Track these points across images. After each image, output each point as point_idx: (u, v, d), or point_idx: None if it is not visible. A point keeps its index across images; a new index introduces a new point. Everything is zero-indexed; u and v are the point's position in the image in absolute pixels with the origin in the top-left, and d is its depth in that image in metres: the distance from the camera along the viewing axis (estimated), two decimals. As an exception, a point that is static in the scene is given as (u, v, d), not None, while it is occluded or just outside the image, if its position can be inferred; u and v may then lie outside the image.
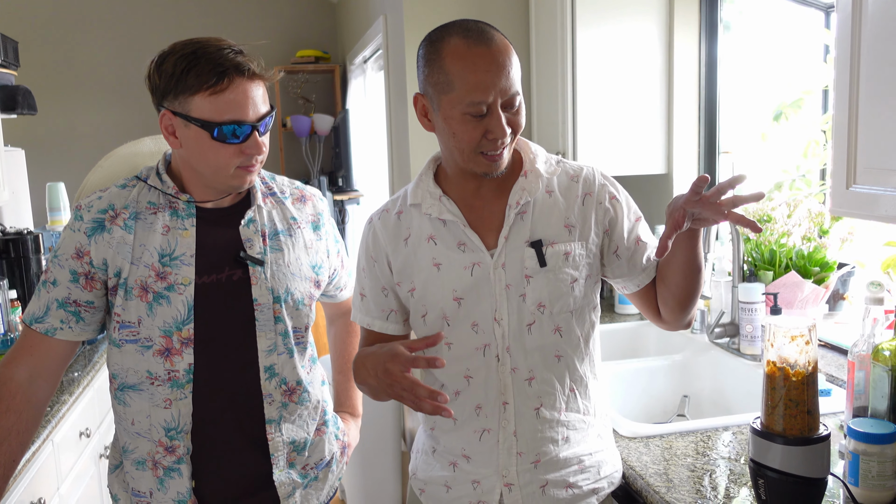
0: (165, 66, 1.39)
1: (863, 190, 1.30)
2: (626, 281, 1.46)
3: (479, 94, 1.25)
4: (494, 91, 1.26)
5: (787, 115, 2.42)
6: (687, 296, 1.39)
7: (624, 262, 1.44)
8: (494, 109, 1.27)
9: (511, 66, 1.28)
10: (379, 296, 1.47)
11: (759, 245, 2.19)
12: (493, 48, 1.26)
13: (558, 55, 2.66)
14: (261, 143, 1.43)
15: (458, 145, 1.31)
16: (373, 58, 4.39)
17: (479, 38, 1.27)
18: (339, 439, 1.71)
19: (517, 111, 1.31)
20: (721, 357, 2.13)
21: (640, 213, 1.47)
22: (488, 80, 1.25)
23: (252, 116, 1.40)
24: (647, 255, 1.44)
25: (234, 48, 1.40)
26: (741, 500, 1.35)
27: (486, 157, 1.31)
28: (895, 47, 1.21)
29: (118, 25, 5.19)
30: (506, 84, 1.26)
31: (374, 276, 1.47)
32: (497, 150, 1.30)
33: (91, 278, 1.46)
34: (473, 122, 1.28)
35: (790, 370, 1.14)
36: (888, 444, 1.29)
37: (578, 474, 1.43)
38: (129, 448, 1.53)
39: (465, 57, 1.26)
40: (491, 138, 1.29)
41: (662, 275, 1.41)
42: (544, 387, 1.39)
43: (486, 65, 1.25)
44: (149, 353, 1.46)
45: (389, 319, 1.48)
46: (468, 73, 1.25)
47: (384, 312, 1.48)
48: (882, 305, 1.45)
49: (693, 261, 1.34)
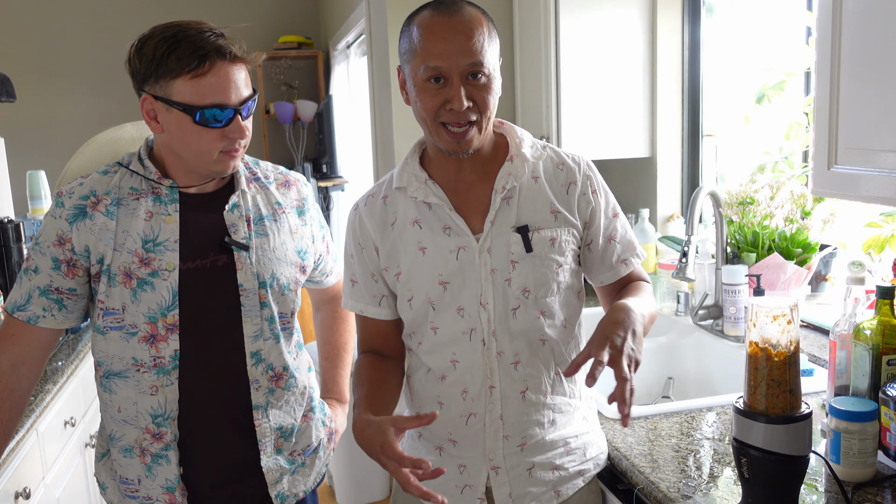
0: (146, 49, 1.38)
1: (844, 170, 1.31)
2: (591, 274, 1.49)
3: (435, 58, 1.27)
4: (451, 57, 1.27)
5: (769, 97, 2.43)
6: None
7: (595, 256, 1.45)
8: (453, 78, 1.28)
9: (475, 36, 1.28)
10: (369, 282, 1.47)
11: (741, 227, 2.20)
12: (455, 17, 1.28)
13: (542, 39, 2.65)
14: (243, 126, 1.42)
15: (419, 114, 1.33)
16: (356, 43, 4.37)
17: (447, 10, 1.29)
18: (326, 425, 1.71)
19: (483, 86, 1.30)
20: (705, 339, 2.15)
21: (618, 210, 1.48)
22: (443, 45, 1.27)
23: (234, 100, 1.39)
24: (616, 255, 1.46)
25: (215, 31, 1.39)
26: (725, 479, 1.37)
27: (449, 132, 1.31)
28: (875, 28, 1.22)
29: (98, 11, 5.13)
30: (465, 52, 1.27)
31: (363, 262, 1.46)
32: (459, 122, 1.30)
33: (73, 265, 1.45)
34: (433, 90, 1.29)
35: (772, 350, 1.15)
36: (869, 421, 1.30)
37: (564, 456, 1.44)
38: (115, 436, 1.53)
39: (428, 25, 1.29)
40: (448, 108, 1.29)
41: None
42: (530, 370, 1.39)
43: (443, 31, 1.27)
44: (134, 339, 1.46)
45: (381, 305, 1.47)
46: (426, 39, 1.28)
47: (375, 298, 1.47)
48: (863, 285, 1.47)
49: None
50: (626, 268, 1.47)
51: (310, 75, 5.49)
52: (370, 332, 1.51)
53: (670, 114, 2.68)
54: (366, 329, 1.51)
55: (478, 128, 1.32)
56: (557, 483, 1.43)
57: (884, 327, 1.38)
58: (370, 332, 1.51)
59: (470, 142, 1.32)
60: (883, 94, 1.21)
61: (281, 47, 5.26)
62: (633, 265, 1.48)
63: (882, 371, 1.39)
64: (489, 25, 1.31)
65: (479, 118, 1.31)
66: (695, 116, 2.67)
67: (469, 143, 1.32)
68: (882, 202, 1.26)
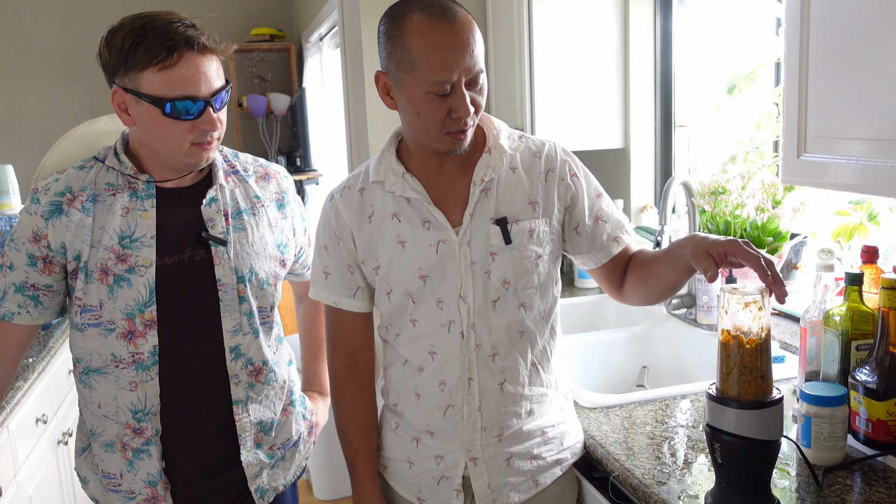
0: (114, 41, 1.36)
1: (813, 158, 1.32)
2: (586, 258, 1.48)
3: (444, 73, 1.23)
4: (458, 70, 1.24)
5: (740, 87, 2.45)
6: (675, 289, 1.41)
7: (584, 239, 1.45)
8: (458, 88, 1.25)
9: (475, 44, 1.26)
10: (345, 273, 1.45)
11: (714, 217, 2.22)
12: (456, 25, 1.24)
13: (515, 30, 2.65)
14: (215, 119, 1.40)
15: (422, 124, 1.30)
16: (329, 35, 4.34)
17: (443, 15, 1.24)
18: (307, 419, 1.71)
19: (480, 89, 1.29)
20: (679, 328, 2.17)
21: (601, 190, 1.48)
22: (452, 58, 1.23)
23: (205, 92, 1.37)
24: (607, 233, 1.45)
25: (184, 22, 1.37)
26: (699, 465, 1.38)
27: (451, 135, 1.30)
28: (843, 19, 1.23)
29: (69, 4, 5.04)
30: (470, 62, 1.25)
31: (340, 253, 1.45)
32: (461, 128, 1.29)
33: (49, 262, 1.43)
34: (437, 102, 1.26)
35: (744, 338, 1.16)
36: (839, 406, 1.33)
37: (542, 446, 1.44)
38: (96, 431, 1.52)
39: (429, 35, 1.23)
40: (455, 117, 1.27)
41: (656, 270, 1.39)
42: (508, 362, 1.40)
43: (449, 43, 1.23)
44: (112, 336, 1.44)
45: (356, 297, 1.46)
46: (432, 52, 1.23)
47: (350, 290, 1.46)
48: (832, 272, 1.49)
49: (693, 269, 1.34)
50: (617, 245, 1.46)
51: (282, 68, 5.45)
52: (344, 327, 1.49)
53: (643, 105, 2.70)
54: (338, 323, 1.50)
55: (473, 126, 1.33)
56: (536, 472, 1.44)
57: (853, 313, 1.40)
58: (344, 327, 1.49)
59: (468, 139, 1.33)
60: (850, 83, 1.23)
61: (253, 40, 5.21)
62: (624, 242, 1.47)
63: (851, 356, 1.41)
64: (475, 23, 1.29)
65: (474, 120, 1.32)
66: (667, 107, 2.69)
67: (468, 140, 1.33)
68: (850, 189, 1.28)
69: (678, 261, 1.31)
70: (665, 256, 1.36)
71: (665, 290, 1.40)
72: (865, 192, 1.28)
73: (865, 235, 1.95)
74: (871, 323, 1.39)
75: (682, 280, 1.35)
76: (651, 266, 1.40)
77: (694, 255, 1.24)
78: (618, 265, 1.48)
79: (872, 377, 1.33)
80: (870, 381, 1.33)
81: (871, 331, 1.39)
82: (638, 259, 1.45)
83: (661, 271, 1.36)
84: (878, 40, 1.17)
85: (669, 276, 1.35)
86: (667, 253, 1.35)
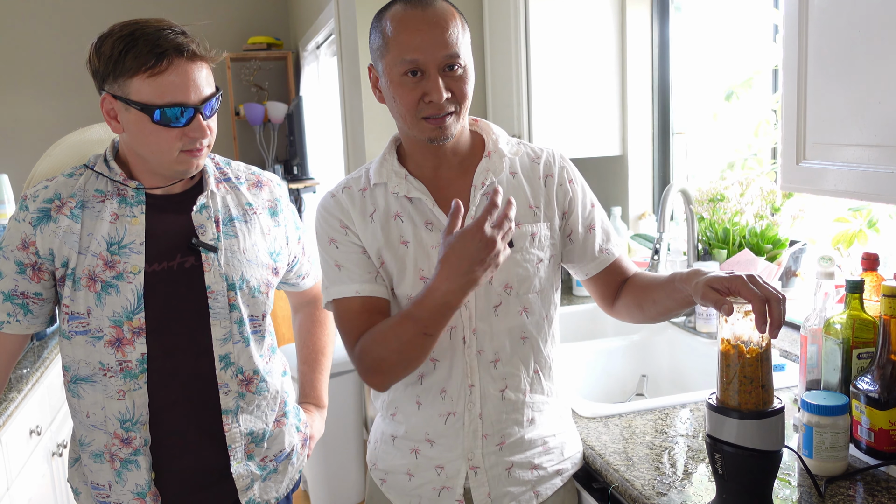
0: (104, 48, 1.36)
1: (812, 165, 1.31)
2: (577, 267, 1.48)
3: (411, 51, 1.25)
4: (427, 50, 1.25)
5: (738, 94, 2.45)
6: (669, 317, 1.41)
7: (577, 247, 1.44)
8: (431, 71, 1.26)
9: (450, 28, 1.27)
10: (361, 259, 1.37)
11: (712, 224, 2.21)
12: (429, 11, 1.27)
13: (512, 37, 2.65)
14: (205, 126, 1.39)
15: (399, 110, 1.31)
16: (325, 43, 4.34)
17: (419, 3, 1.28)
18: (301, 431, 1.69)
19: (460, 78, 1.29)
20: (678, 336, 2.15)
21: (595, 200, 1.48)
22: (419, 38, 1.25)
23: (195, 99, 1.37)
24: (598, 244, 1.45)
25: (175, 29, 1.36)
26: (699, 475, 1.37)
27: (428, 121, 1.30)
28: (841, 24, 1.22)
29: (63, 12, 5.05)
30: (441, 44, 1.26)
31: (351, 242, 1.38)
32: (437, 113, 1.29)
33: (38, 269, 1.42)
34: (411, 84, 1.27)
35: (744, 347, 1.14)
36: (840, 415, 1.31)
37: (543, 455, 1.43)
38: (85, 441, 1.50)
39: (402, 19, 1.27)
40: (428, 101, 1.27)
41: (654, 297, 1.37)
42: (510, 369, 1.39)
43: (417, 24, 1.26)
44: (100, 343, 1.43)
45: (377, 281, 1.37)
46: (401, 33, 1.26)
47: (371, 274, 1.37)
48: (832, 280, 1.48)
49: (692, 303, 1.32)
50: (608, 257, 1.46)
51: (279, 76, 5.45)
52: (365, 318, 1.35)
53: (641, 112, 2.69)
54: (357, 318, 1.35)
55: (455, 115, 1.31)
56: (536, 483, 1.42)
57: (853, 321, 1.39)
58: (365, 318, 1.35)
59: (449, 127, 1.31)
60: (849, 89, 1.22)
61: (250, 48, 5.21)
62: (615, 254, 1.47)
63: (853, 365, 1.39)
64: (461, 18, 1.31)
65: (457, 108, 1.31)
66: (665, 114, 2.68)
67: (448, 128, 1.31)
68: (850, 196, 1.27)
69: (679, 294, 1.30)
70: (665, 286, 1.34)
71: (659, 317, 1.41)
72: (865, 198, 1.27)
73: (865, 242, 1.94)
74: (873, 331, 1.38)
75: (678, 310, 1.35)
76: (649, 292, 1.39)
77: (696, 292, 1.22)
78: (610, 280, 1.48)
79: (874, 386, 1.32)
80: (872, 389, 1.32)
81: (872, 339, 1.38)
82: (636, 282, 1.45)
83: (659, 299, 1.36)
84: (876, 46, 1.16)
85: (666, 304, 1.35)
86: (667, 283, 1.34)
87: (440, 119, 1.29)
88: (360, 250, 1.39)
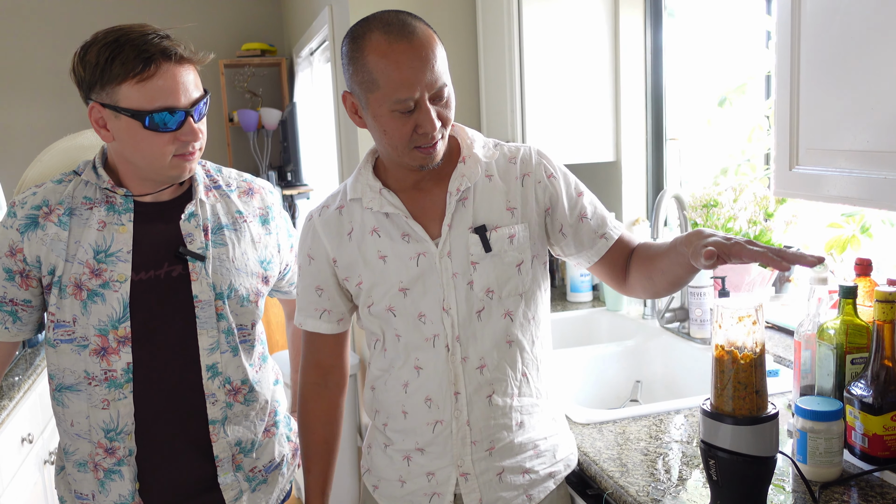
0: (89, 56, 1.34)
1: (805, 171, 1.32)
2: (577, 258, 1.46)
3: (405, 90, 1.24)
4: (420, 86, 1.24)
5: (731, 100, 2.45)
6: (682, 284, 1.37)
7: (570, 239, 1.43)
8: (422, 104, 1.26)
9: (435, 59, 1.25)
10: (312, 294, 1.45)
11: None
12: (414, 42, 1.24)
13: (505, 45, 2.65)
14: (196, 129, 1.39)
15: (390, 142, 1.30)
16: (319, 49, 4.34)
17: (401, 33, 1.24)
18: (291, 440, 1.68)
19: (446, 103, 1.29)
20: (672, 341, 2.15)
21: (582, 188, 1.46)
22: (412, 76, 1.23)
23: (184, 102, 1.36)
24: (593, 231, 1.42)
25: (159, 33, 1.35)
26: (694, 481, 1.36)
27: (420, 150, 1.30)
28: (834, 30, 1.23)
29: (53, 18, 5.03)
30: (431, 77, 1.25)
31: (310, 274, 1.45)
32: (429, 143, 1.29)
33: (26, 276, 1.42)
34: (402, 119, 1.26)
35: (738, 353, 1.14)
36: (834, 420, 1.31)
37: (534, 459, 1.42)
38: (69, 450, 1.49)
39: (388, 54, 1.24)
40: (421, 132, 1.27)
41: (661, 267, 1.34)
42: (496, 374, 1.38)
43: (408, 60, 1.23)
44: (85, 352, 1.42)
45: (322, 319, 1.46)
46: (391, 71, 1.23)
47: (317, 311, 1.46)
48: (826, 285, 1.48)
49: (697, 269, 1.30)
50: (606, 241, 1.43)
51: (273, 83, 5.44)
52: (315, 345, 1.51)
53: (634, 118, 2.69)
54: (310, 342, 1.51)
55: (443, 139, 1.33)
56: (529, 486, 1.42)
57: (847, 326, 1.39)
58: (315, 345, 1.51)
59: (439, 152, 1.32)
60: (842, 94, 1.22)
61: (244, 55, 5.20)
62: (613, 237, 1.43)
63: (846, 370, 1.39)
64: (436, 37, 1.29)
65: (443, 133, 1.32)
66: (658, 120, 2.68)
67: (439, 153, 1.32)
68: (843, 202, 1.27)
69: (683, 258, 1.26)
70: (669, 253, 1.31)
71: (670, 286, 1.37)
72: (858, 204, 1.27)
73: (858, 248, 1.94)
74: (866, 336, 1.38)
75: (687, 276, 1.32)
76: (655, 262, 1.36)
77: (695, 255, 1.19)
78: (615, 260, 1.44)
79: (868, 391, 1.32)
80: (865, 395, 1.32)
81: (865, 344, 1.38)
82: (641, 253, 1.41)
83: (667, 268, 1.32)
84: (869, 52, 1.16)
85: (674, 272, 1.31)
86: (671, 249, 1.30)
87: (432, 147, 1.30)
88: (313, 285, 1.45)
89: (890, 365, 1.31)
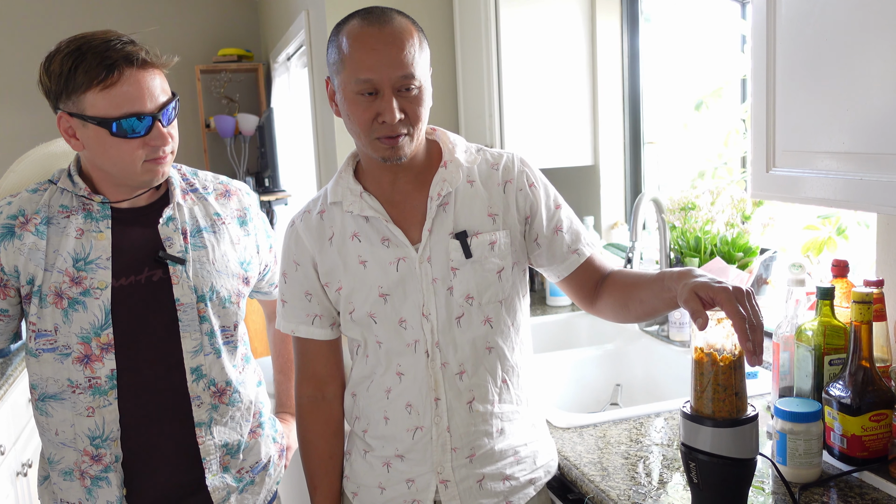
0: (53, 66, 1.34)
1: (782, 173, 1.32)
2: (548, 270, 1.46)
3: (366, 70, 1.24)
4: (383, 70, 1.24)
5: (707, 104, 2.47)
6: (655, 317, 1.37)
7: (544, 251, 1.43)
8: (385, 91, 1.25)
9: (406, 47, 1.25)
10: (302, 300, 1.44)
11: (684, 233, 2.22)
12: (385, 29, 1.25)
13: (483, 49, 2.65)
14: (165, 133, 1.38)
15: (353, 128, 1.31)
16: (296, 54, 4.32)
17: (377, 20, 1.26)
18: (277, 441, 1.67)
19: (415, 98, 1.28)
20: (651, 344, 2.16)
21: (560, 201, 1.46)
22: (374, 57, 1.24)
23: (151, 107, 1.35)
24: (566, 245, 1.43)
25: (122, 39, 1.35)
26: (674, 484, 1.36)
27: (381, 140, 1.29)
28: (809, 33, 1.23)
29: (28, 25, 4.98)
30: (397, 65, 1.24)
31: (298, 280, 1.43)
32: (390, 134, 1.28)
33: (4, 286, 1.40)
34: (364, 103, 1.27)
35: (717, 356, 1.14)
36: (813, 422, 1.31)
37: (515, 466, 1.42)
38: (54, 459, 1.47)
39: (358, 36, 1.26)
40: (381, 121, 1.27)
41: (641, 297, 1.32)
42: (476, 380, 1.37)
43: (374, 42, 1.24)
44: (68, 360, 1.40)
45: (315, 324, 1.44)
46: (356, 51, 1.25)
47: (309, 317, 1.44)
48: (803, 287, 1.48)
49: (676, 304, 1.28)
50: (578, 257, 1.42)
51: (250, 88, 5.41)
52: (309, 356, 1.48)
53: (612, 122, 2.70)
54: (303, 352, 1.48)
55: (409, 137, 1.31)
56: (509, 493, 1.41)
57: (825, 328, 1.40)
58: (309, 356, 1.48)
59: (402, 148, 1.30)
60: (818, 96, 1.23)
61: (220, 60, 5.17)
62: (585, 253, 1.43)
63: (825, 371, 1.40)
64: (419, 35, 1.29)
65: (410, 130, 1.30)
66: (636, 124, 2.69)
67: (401, 149, 1.31)
68: (819, 203, 1.28)
69: (668, 294, 1.24)
70: (653, 284, 1.29)
71: (645, 316, 1.36)
72: (835, 205, 1.28)
73: (834, 249, 1.96)
74: (844, 337, 1.38)
75: (665, 311, 1.30)
76: (635, 291, 1.34)
77: (681, 294, 1.18)
78: (585, 278, 1.44)
79: (846, 392, 1.32)
80: (844, 396, 1.32)
81: (843, 345, 1.39)
82: (618, 280, 1.40)
83: (647, 299, 1.31)
84: (845, 54, 1.17)
85: (653, 304, 1.30)
86: (656, 281, 1.29)
87: (393, 139, 1.29)
88: (302, 291, 1.43)
89: (867, 365, 1.32)
